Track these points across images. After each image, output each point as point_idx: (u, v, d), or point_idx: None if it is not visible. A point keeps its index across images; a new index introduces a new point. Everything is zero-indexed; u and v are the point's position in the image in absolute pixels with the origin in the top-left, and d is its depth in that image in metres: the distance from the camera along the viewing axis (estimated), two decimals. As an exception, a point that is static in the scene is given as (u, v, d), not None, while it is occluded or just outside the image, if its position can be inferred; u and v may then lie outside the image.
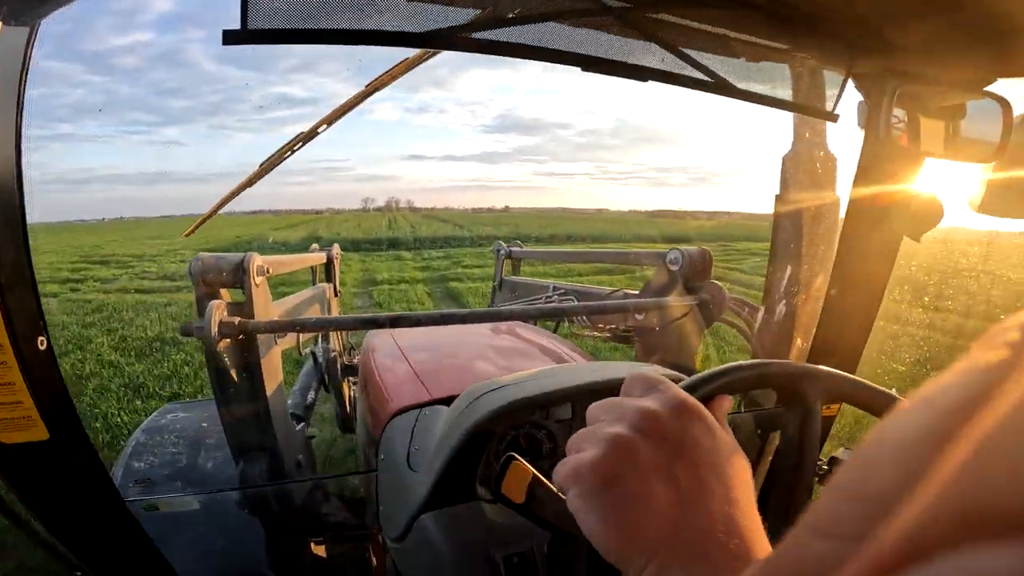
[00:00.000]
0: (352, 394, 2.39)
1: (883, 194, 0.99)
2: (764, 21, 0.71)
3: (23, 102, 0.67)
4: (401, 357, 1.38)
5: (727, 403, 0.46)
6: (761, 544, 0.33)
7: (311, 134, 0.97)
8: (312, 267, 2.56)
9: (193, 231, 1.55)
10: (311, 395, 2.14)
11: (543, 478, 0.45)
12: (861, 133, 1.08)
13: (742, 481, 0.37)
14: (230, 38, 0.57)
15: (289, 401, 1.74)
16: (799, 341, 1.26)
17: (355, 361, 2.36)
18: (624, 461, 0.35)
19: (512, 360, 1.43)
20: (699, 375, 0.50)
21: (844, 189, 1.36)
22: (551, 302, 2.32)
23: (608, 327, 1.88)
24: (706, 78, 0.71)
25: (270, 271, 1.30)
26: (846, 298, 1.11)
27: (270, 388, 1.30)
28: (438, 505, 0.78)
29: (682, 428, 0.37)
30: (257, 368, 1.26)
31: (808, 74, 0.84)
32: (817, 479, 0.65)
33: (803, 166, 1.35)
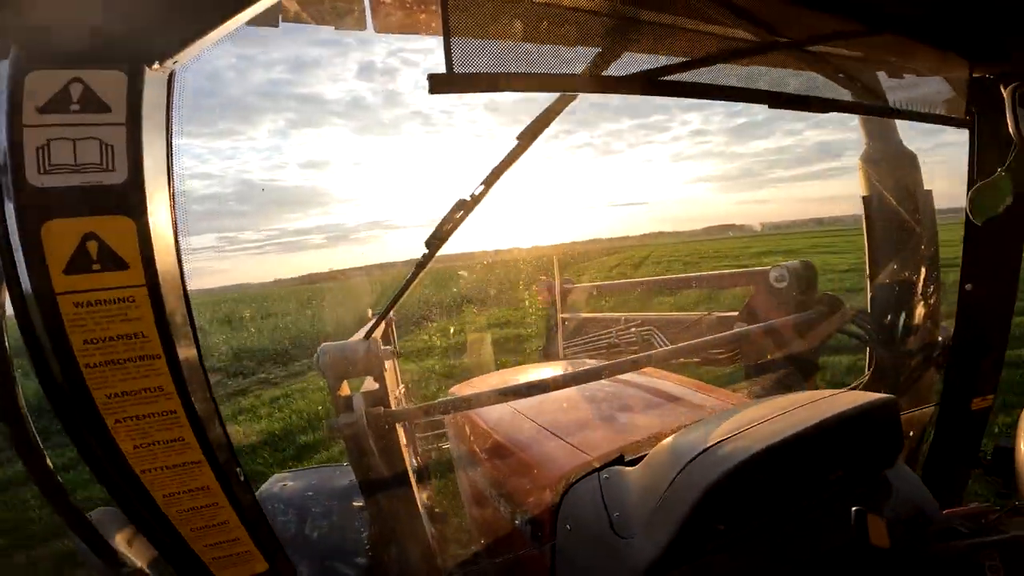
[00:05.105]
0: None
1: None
2: (893, 40, 0.78)
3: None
4: (530, 422, 1.36)
5: None
6: None
7: (475, 201, 1.01)
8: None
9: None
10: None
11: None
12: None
13: None
14: (437, 85, 0.60)
15: None
16: (939, 339, 1.24)
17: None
18: None
19: (651, 408, 1.41)
20: None
21: (936, 185, 1.37)
22: (627, 336, 2.32)
23: (703, 352, 1.85)
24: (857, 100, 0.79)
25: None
26: (984, 292, 1.10)
27: (405, 470, 1.31)
28: (670, 567, 0.79)
29: None
30: (399, 454, 1.28)
31: (933, 83, 0.90)
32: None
33: (888, 166, 1.36)
